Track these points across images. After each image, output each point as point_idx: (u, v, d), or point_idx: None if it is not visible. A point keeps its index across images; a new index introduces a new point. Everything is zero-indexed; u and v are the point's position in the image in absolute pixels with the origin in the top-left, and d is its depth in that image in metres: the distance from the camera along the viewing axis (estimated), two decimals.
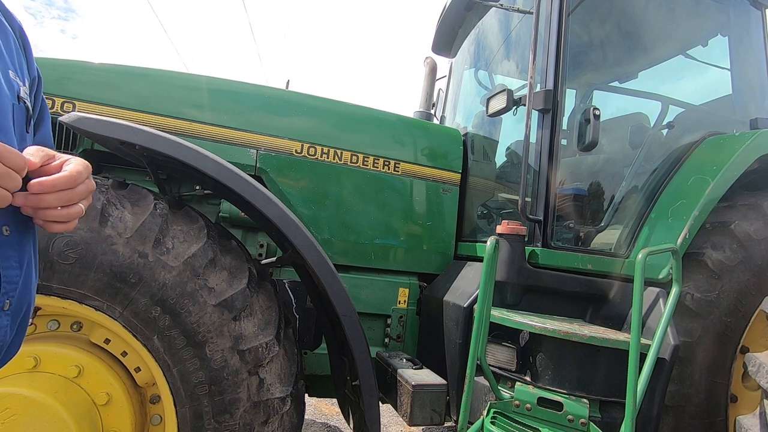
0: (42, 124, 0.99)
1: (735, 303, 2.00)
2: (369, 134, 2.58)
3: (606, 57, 2.76)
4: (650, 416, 1.79)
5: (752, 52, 2.68)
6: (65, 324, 1.68)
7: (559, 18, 2.23)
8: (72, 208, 0.77)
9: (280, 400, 1.65)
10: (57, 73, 2.10)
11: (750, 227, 2.05)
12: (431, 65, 3.46)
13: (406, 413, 1.89)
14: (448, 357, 2.17)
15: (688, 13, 2.74)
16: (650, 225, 2.18)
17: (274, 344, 1.66)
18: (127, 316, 1.53)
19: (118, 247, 1.51)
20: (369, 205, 2.50)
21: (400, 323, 2.49)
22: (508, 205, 2.67)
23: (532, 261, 2.12)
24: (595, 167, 2.61)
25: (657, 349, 1.70)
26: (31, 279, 0.84)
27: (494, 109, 2.27)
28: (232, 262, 1.68)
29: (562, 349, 1.89)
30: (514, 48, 2.85)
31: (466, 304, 2.07)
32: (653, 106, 2.68)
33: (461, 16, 3.26)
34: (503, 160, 2.86)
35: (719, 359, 2.00)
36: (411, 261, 2.58)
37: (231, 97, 2.36)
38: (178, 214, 1.67)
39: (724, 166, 2.08)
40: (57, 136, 2.10)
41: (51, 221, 0.76)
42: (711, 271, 2.00)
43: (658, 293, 1.94)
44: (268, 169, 2.33)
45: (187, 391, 1.56)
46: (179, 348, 1.55)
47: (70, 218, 0.78)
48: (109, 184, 1.60)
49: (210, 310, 1.56)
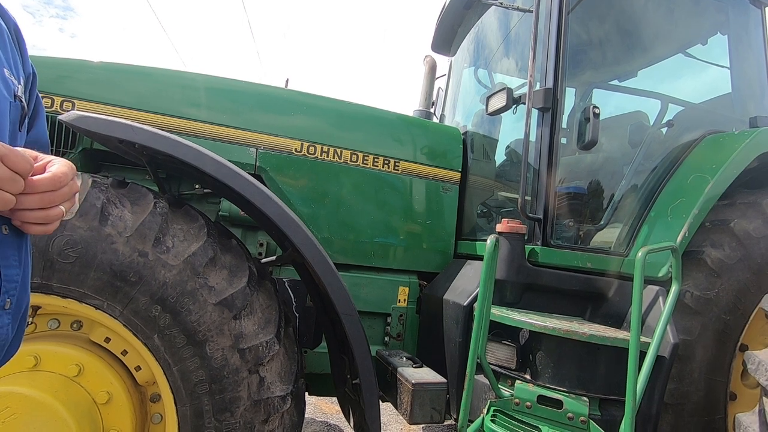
0: (37, 121, 0.99)
1: (734, 301, 2.01)
2: (369, 133, 2.58)
3: (605, 55, 2.76)
4: (650, 414, 1.79)
5: (752, 51, 2.69)
6: (65, 323, 1.68)
7: (558, 16, 2.23)
8: (52, 210, 0.74)
9: (281, 399, 1.65)
10: (56, 71, 2.10)
11: (749, 225, 2.05)
12: (431, 64, 3.45)
13: (406, 411, 1.89)
14: (448, 355, 2.17)
15: (687, 11, 2.74)
16: (650, 223, 2.18)
17: (274, 343, 1.66)
18: (127, 314, 1.53)
19: (118, 246, 1.51)
20: (369, 204, 2.50)
21: (400, 322, 2.49)
22: (507, 204, 2.67)
23: (532, 259, 2.12)
24: (594, 166, 2.61)
25: (656, 347, 1.70)
26: (28, 277, 0.84)
27: (494, 108, 2.27)
28: (232, 261, 1.68)
29: (562, 347, 1.89)
30: (514, 46, 2.85)
31: (466, 302, 2.07)
32: (653, 105, 2.68)
33: (461, 14, 3.26)
34: (503, 159, 2.86)
35: (718, 357, 2.00)
36: (411, 259, 2.58)
37: (230, 96, 2.36)
38: (178, 213, 1.67)
39: (724, 165, 2.08)
40: (56, 134, 2.10)
41: (30, 223, 0.74)
42: (710, 269, 2.00)
43: (658, 291, 1.95)
44: (267, 167, 2.33)
45: (188, 389, 1.56)
46: (179, 347, 1.55)
47: (50, 220, 0.75)
48: (109, 183, 1.60)
49: (210, 308, 1.56)
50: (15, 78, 0.82)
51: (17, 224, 0.75)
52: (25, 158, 0.68)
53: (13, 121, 0.80)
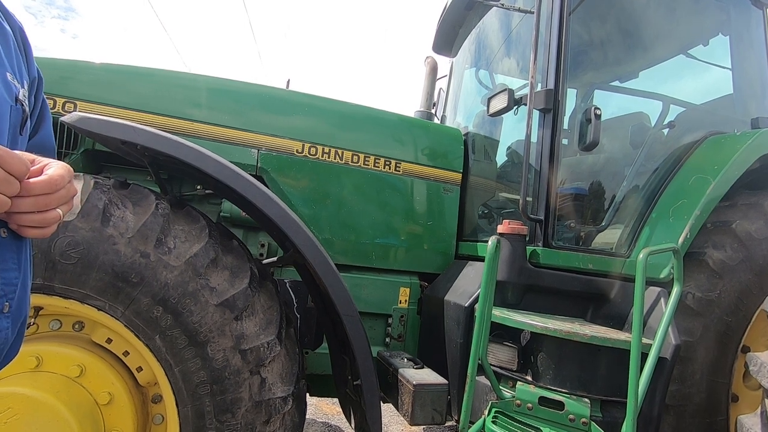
0: (43, 124, 0.99)
1: (736, 302, 2.00)
2: (370, 134, 2.58)
3: (607, 56, 2.76)
4: (651, 416, 1.79)
5: (753, 52, 2.68)
6: (67, 324, 1.69)
7: (560, 17, 2.23)
8: (48, 213, 0.74)
9: (282, 400, 1.65)
10: (58, 72, 2.10)
11: (751, 226, 2.05)
12: (432, 65, 3.46)
13: (407, 413, 1.89)
14: (449, 356, 2.17)
15: (688, 12, 2.73)
16: (651, 224, 2.17)
17: (275, 344, 1.66)
18: (128, 315, 1.53)
19: (119, 247, 1.51)
20: (370, 205, 2.50)
21: (401, 323, 2.49)
22: (509, 205, 2.67)
23: (533, 261, 2.12)
24: (596, 167, 2.61)
25: (658, 349, 1.70)
26: (28, 280, 0.83)
27: (495, 109, 2.27)
28: (233, 262, 1.68)
29: (564, 348, 1.89)
30: (515, 47, 2.85)
31: (467, 303, 2.07)
32: (654, 106, 2.68)
33: (462, 15, 3.26)
34: (504, 160, 2.86)
35: (720, 359, 2.00)
36: (412, 260, 2.58)
37: (232, 97, 2.36)
38: (180, 214, 1.67)
39: (725, 166, 2.08)
40: (58, 136, 2.10)
41: (26, 226, 0.73)
42: (712, 270, 2.00)
43: (660, 293, 1.94)
44: (269, 168, 2.33)
45: (189, 390, 1.56)
46: (181, 348, 1.55)
47: (46, 223, 0.74)
48: (111, 184, 1.60)
49: (212, 309, 1.57)
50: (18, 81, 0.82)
51: (14, 227, 0.74)
52: (21, 160, 0.67)
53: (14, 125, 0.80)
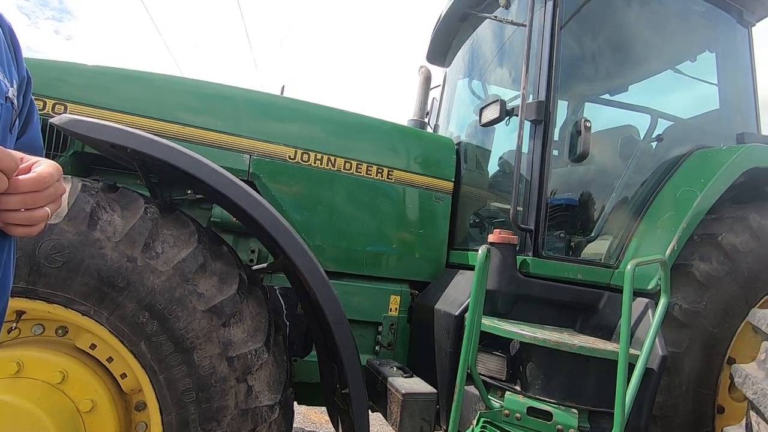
0: (30, 125, 0.98)
1: (722, 314, 2.03)
2: (363, 142, 2.58)
3: (597, 70, 2.81)
4: (638, 426, 1.79)
5: (739, 69, 2.74)
6: (50, 328, 1.65)
7: (551, 31, 2.27)
8: (36, 211, 0.73)
9: (269, 408, 1.63)
10: (49, 74, 2.09)
11: (737, 239, 2.08)
12: (425, 74, 3.49)
13: (395, 422, 1.88)
14: (439, 365, 2.16)
15: (677, 29, 2.79)
16: (639, 236, 2.20)
17: (263, 351, 1.65)
18: (114, 321, 1.51)
19: (106, 251, 1.49)
20: (361, 212, 2.50)
21: (391, 331, 2.48)
22: (499, 214, 2.69)
23: (523, 270, 2.13)
24: (585, 178, 2.64)
25: (645, 360, 1.71)
26: (8, 281, 0.82)
27: (487, 119, 2.30)
28: (222, 268, 1.66)
29: (552, 358, 1.89)
30: (508, 59, 2.89)
31: (457, 312, 2.07)
32: (643, 119, 2.72)
33: (456, 26, 3.30)
34: (496, 170, 2.88)
35: (706, 370, 2.02)
36: (403, 268, 2.57)
37: (224, 102, 2.36)
38: (169, 219, 1.65)
39: (712, 179, 2.11)
40: (47, 137, 2.08)
41: (13, 224, 0.72)
42: (699, 282, 2.02)
43: (647, 304, 1.96)
44: (260, 174, 2.32)
45: (174, 398, 1.54)
46: (167, 354, 1.53)
47: (33, 222, 0.73)
48: (99, 187, 1.59)
49: (199, 315, 1.55)
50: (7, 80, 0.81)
51: (0, 226, 0.73)
52: (10, 156, 0.67)
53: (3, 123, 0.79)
